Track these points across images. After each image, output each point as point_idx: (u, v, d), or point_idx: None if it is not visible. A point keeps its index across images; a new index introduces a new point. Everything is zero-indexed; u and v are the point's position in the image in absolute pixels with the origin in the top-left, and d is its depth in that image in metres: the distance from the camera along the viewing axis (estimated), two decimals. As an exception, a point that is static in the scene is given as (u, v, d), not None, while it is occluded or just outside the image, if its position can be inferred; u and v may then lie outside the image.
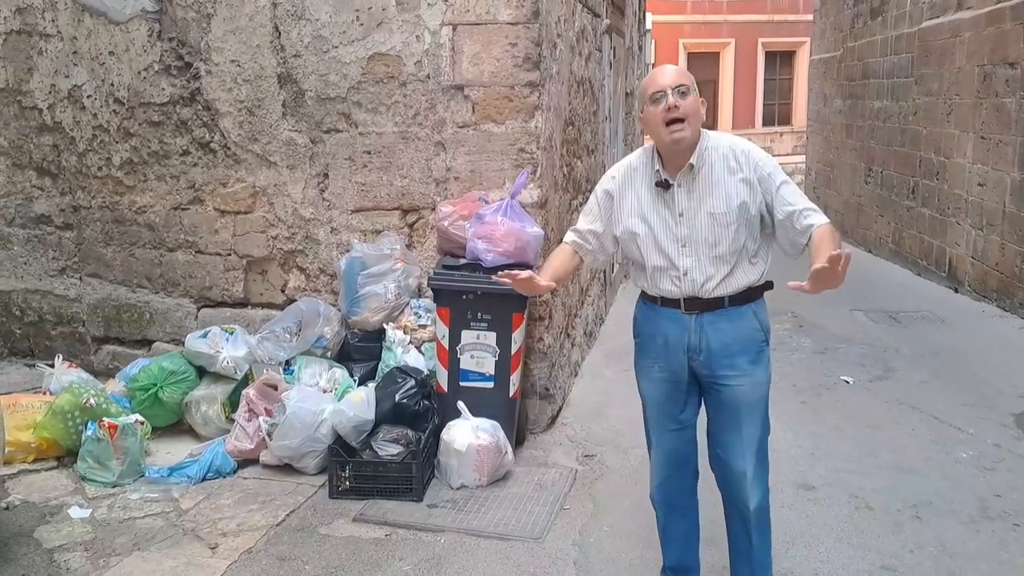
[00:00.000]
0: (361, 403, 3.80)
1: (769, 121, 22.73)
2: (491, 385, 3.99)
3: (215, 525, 3.46)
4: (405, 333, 4.23)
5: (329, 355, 4.35)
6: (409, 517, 3.51)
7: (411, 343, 4.22)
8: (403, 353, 4.15)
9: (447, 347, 4.00)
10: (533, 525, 3.44)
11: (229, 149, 4.66)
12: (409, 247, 4.50)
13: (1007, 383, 5.29)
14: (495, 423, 3.86)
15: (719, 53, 22.37)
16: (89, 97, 4.87)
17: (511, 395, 4.01)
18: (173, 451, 4.17)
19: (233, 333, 4.36)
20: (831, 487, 3.83)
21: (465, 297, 3.94)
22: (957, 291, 8.01)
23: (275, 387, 4.03)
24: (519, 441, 4.19)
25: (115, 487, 3.79)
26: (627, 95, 8.59)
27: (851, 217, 11.48)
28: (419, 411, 3.84)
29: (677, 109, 2.45)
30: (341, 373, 4.22)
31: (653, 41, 13.93)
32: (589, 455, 4.17)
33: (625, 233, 2.66)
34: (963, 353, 5.99)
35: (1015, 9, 7.06)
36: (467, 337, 3.98)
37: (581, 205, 5.59)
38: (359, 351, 4.34)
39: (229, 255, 4.79)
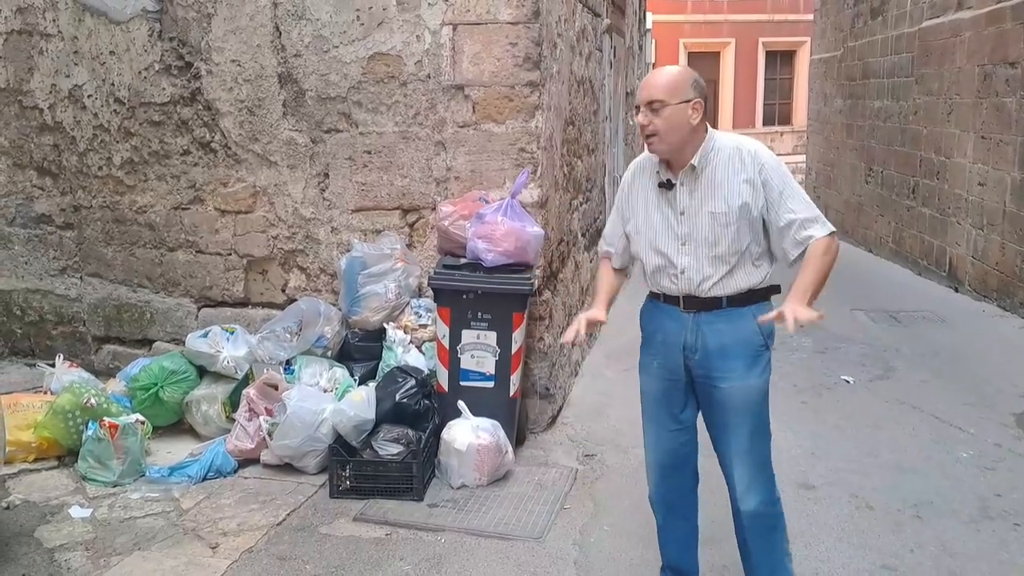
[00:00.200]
0: (361, 403, 3.80)
1: (769, 121, 22.73)
2: (491, 385, 3.99)
3: (216, 525, 3.46)
4: (405, 333, 4.23)
5: (330, 355, 4.35)
6: (409, 517, 3.51)
7: (411, 343, 4.22)
8: (403, 353, 4.15)
9: (447, 347, 4.00)
10: (533, 525, 3.44)
11: (230, 149, 4.66)
12: (409, 247, 4.50)
13: (1007, 382, 5.29)
14: (495, 423, 3.86)
15: (719, 53, 22.37)
16: (90, 97, 4.87)
17: (511, 395, 4.01)
18: (174, 451, 4.17)
19: (234, 333, 4.36)
20: (831, 486, 3.83)
21: (465, 297, 3.94)
22: (957, 291, 8.01)
23: (276, 387, 4.03)
24: (519, 441, 4.19)
25: (116, 487, 3.79)
26: (627, 95, 8.59)
27: (851, 217, 11.48)
28: (419, 411, 3.84)
29: (648, 127, 2.52)
30: (342, 373, 4.22)
31: (653, 40, 13.94)
32: (589, 455, 4.17)
33: (631, 229, 2.71)
34: (964, 353, 6.00)
35: (1015, 9, 7.06)
36: (467, 337, 3.98)
37: (581, 205, 5.60)
38: (359, 351, 4.34)
39: (230, 255, 4.79)
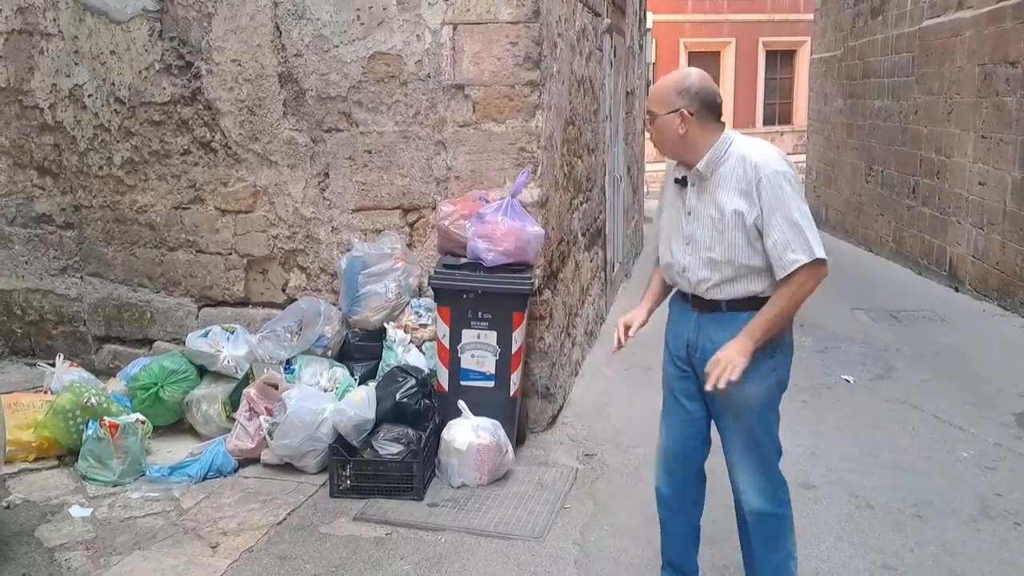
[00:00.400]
0: (362, 402, 3.80)
1: (770, 120, 22.70)
2: (492, 384, 3.99)
3: (216, 524, 3.46)
4: (406, 332, 4.23)
5: (330, 354, 4.36)
6: (410, 516, 3.51)
7: (412, 342, 4.22)
8: (404, 352, 4.15)
9: (448, 346, 4.00)
10: (534, 524, 3.44)
11: (230, 148, 4.66)
12: (410, 246, 4.50)
13: (1008, 382, 5.29)
14: (496, 422, 3.86)
15: (720, 52, 22.35)
16: (90, 96, 4.87)
17: (512, 394, 4.01)
18: (174, 450, 4.17)
19: (234, 332, 4.36)
20: (832, 486, 3.83)
21: (466, 296, 3.94)
22: (958, 290, 8.01)
23: (276, 386, 4.03)
24: (520, 440, 4.19)
25: (116, 486, 3.79)
26: (627, 94, 8.59)
27: (852, 216, 11.47)
28: (420, 410, 3.84)
29: (651, 135, 2.67)
30: (342, 372, 4.22)
31: (654, 40, 13.92)
32: (590, 454, 4.17)
33: (659, 223, 2.82)
34: (964, 352, 5.99)
35: (1016, 8, 7.05)
36: (468, 336, 3.98)
37: (582, 204, 5.59)
38: (360, 350, 4.34)
39: (230, 254, 4.79)
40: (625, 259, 8.43)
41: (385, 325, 4.25)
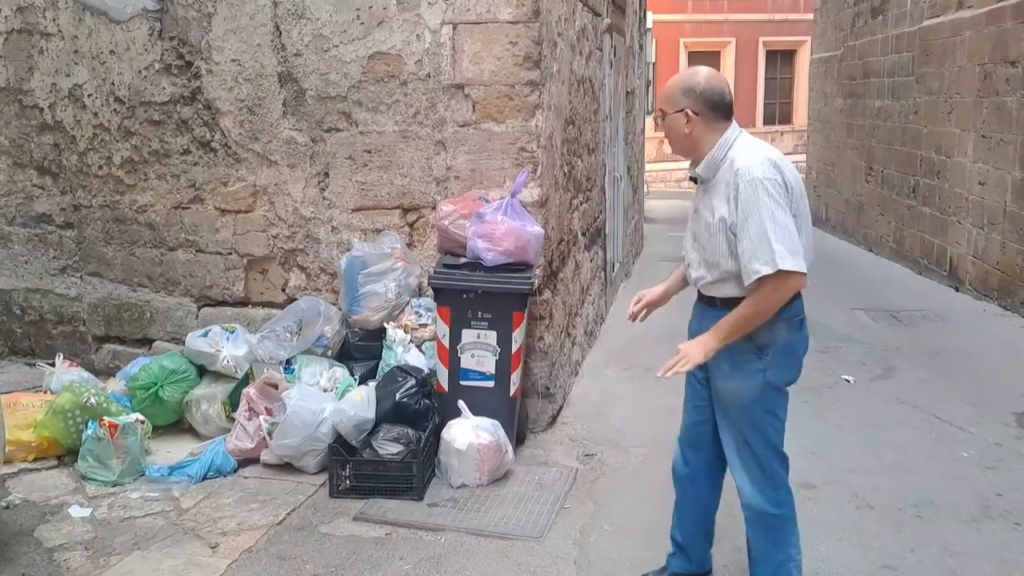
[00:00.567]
0: (361, 402, 3.79)
1: (770, 120, 22.69)
2: (491, 384, 3.98)
3: (215, 524, 3.46)
4: (406, 332, 4.22)
5: (330, 354, 4.35)
6: (409, 516, 3.51)
7: (412, 342, 4.22)
8: (404, 352, 4.15)
9: (448, 346, 3.99)
10: (533, 524, 3.44)
11: (230, 148, 4.66)
12: (410, 246, 4.49)
13: (1008, 382, 5.28)
14: (495, 422, 3.86)
15: (720, 52, 22.33)
16: (90, 96, 4.87)
17: (511, 394, 4.01)
18: (173, 450, 4.17)
19: (234, 332, 4.36)
20: (832, 486, 3.83)
21: (466, 296, 3.93)
22: (958, 290, 8.00)
23: (275, 386, 4.03)
24: (519, 440, 4.19)
25: (115, 486, 3.78)
26: (628, 94, 8.59)
27: (852, 216, 11.47)
28: (419, 410, 3.83)
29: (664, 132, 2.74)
30: (341, 372, 4.22)
31: (654, 40, 13.92)
32: (589, 454, 4.17)
33: None
34: (964, 352, 5.99)
35: (1016, 8, 7.05)
36: (468, 336, 3.97)
37: (582, 204, 5.59)
38: (360, 350, 4.34)
39: (230, 254, 4.79)
40: (625, 259, 8.42)
41: (385, 325, 4.25)
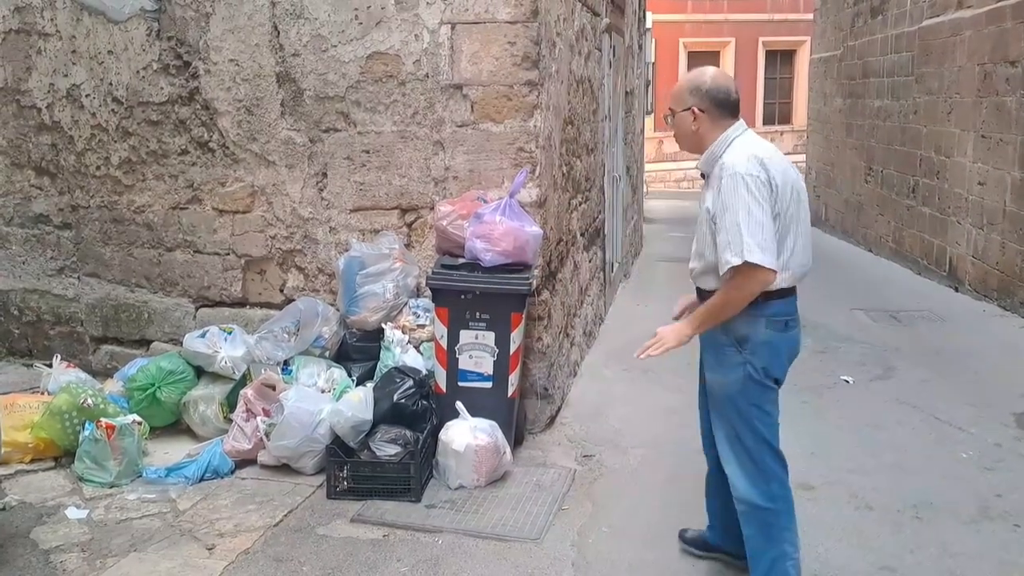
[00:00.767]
0: (359, 403, 3.78)
1: (769, 120, 22.69)
2: (489, 385, 3.97)
3: (212, 526, 3.45)
4: (404, 333, 4.21)
5: (327, 355, 4.34)
6: (407, 518, 3.50)
7: (410, 343, 4.21)
8: (401, 353, 4.14)
9: (445, 347, 3.98)
10: (531, 526, 3.43)
11: (228, 148, 4.65)
12: (408, 247, 4.48)
13: (1008, 382, 5.27)
14: (493, 423, 3.85)
15: (719, 52, 22.33)
16: (88, 96, 4.86)
17: (510, 395, 4.00)
18: (171, 451, 4.15)
19: (231, 333, 4.34)
20: (831, 487, 3.82)
21: (464, 297, 3.92)
22: (958, 290, 7.99)
23: (273, 387, 4.01)
24: (518, 441, 4.18)
25: (112, 487, 3.77)
26: (627, 94, 8.58)
27: (851, 216, 11.46)
28: (417, 411, 3.82)
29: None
30: (339, 373, 4.21)
31: (654, 40, 13.91)
32: (588, 455, 4.15)
33: None
34: (964, 352, 5.98)
35: (1016, 8, 7.04)
36: (465, 337, 3.96)
37: (580, 204, 5.58)
38: (357, 351, 4.33)
39: (227, 255, 4.78)
40: (624, 259, 8.41)
41: (383, 326, 4.24)
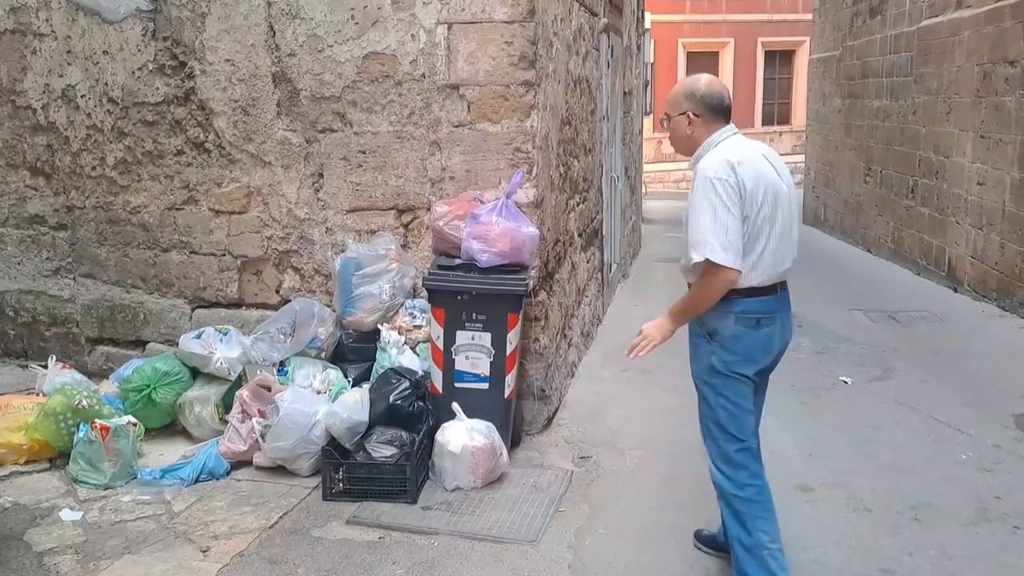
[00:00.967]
0: (355, 404, 3.77)
1: (768, 120, 22.68)
2: (486, 386, 3.95)
3: (207, 528, 3.43)
4: (400, 334, 4.20)
5: (323, 356, 4.33)
6: (403, 519, 3.48)
7: (406, 344, 4.19)
8: (398, 354, 4.12)
9: (442, 348, 3.96)
10: (528, 528, 3.41)
11: (223, 149, 4.63)
12: (404, 247, 4.47)
13: (1007, 383, 5.26)
14: (490, 424, 3.83)
15: (718, 53, 22.32)
16: (83, 97, 4.84)
17: (506, 396, 3.98)
18: (166, 453, 4.14)
19: (227, 334, 4.33)
20: (829, 488, 3.80)
21: (460, 297, 3.90)
22: (957, 291, 7.97)
23: (269, 388, 4.00)
24: (514, 443, 4.16)
25: (107, 489, 3.76)
26: (625, 94, 8.56)
27: (850, 216, 11.44)
28: (413, 412, 3.80)
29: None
30: (335, 374, 4.19)
31: (652, 40, 13.89)
32: (585, 457, 4.14)
33: None
34: (963, 353, 5.96)
35: (1015, 8, 7.03)
36: (462, 338, 3.94)
37: (578, 205, 5.56)
38: (353, 352, 4.31)
39: (223, 255, 4.76)
40: (623, 260, 8.40)
41: (379, 327, 4.22)
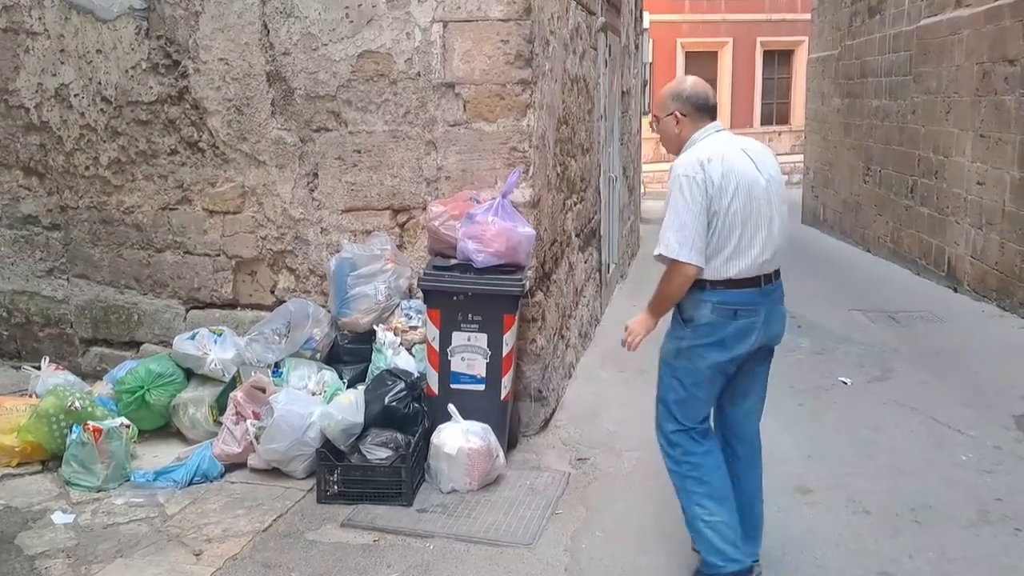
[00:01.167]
0: (350, 406, 3.74)
1: (767, 120, 22.68)
2: (482, 387, 3.92)
3: (200, 531, 3.39)
4: (395, 335, 4.17)
5: (318, 357, 4.29)
6: (398, 522, 3.45)
7: (401, 345, 4.16)
8: (393, 355, 4.09)
9: (437, 349, 3.93)
10: (524, 530, 3.38)
11: (218, 148, 4.60)
12: (400, 247, 4.43)
13: (1007, 383, 5.23)
14: (486, 426, 3.79)
15: (717, 52, 22.32)
16: (76, 96, 4.81)
17: (503, 397, 3.95)
18: (160, 455, 4.10)
19: (221, 335, 4.29)
20: (828, 490, 3.77)
21: (456, 298, 3.87)
22: (956, 291, 7.95)
23: (263, 390, 3.97)
24: (511, 444, 4.13)
25: (100, 492, 3.72)
26: (623, 94, 8.53)
27: (850, 216, 11.41)
28: (409, 414, 3.77)
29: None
30: (330, 375, 4.16)
31: (651, 40, 13.85)
32: (582, 458, 4.11)
33: None
34: (963, 353, 5.93)
35: (1014, 7, 7.00)
36: (458, 339, 3.91)
37: (575, 205, 5.53)
38: (349, 353, 4.28)
39: (218, 256, 4.73)
40: (621, 260, 8.37)
41: (374, 327, 4.19)
